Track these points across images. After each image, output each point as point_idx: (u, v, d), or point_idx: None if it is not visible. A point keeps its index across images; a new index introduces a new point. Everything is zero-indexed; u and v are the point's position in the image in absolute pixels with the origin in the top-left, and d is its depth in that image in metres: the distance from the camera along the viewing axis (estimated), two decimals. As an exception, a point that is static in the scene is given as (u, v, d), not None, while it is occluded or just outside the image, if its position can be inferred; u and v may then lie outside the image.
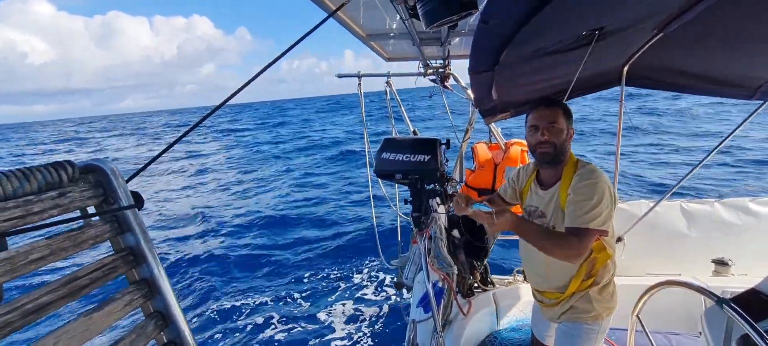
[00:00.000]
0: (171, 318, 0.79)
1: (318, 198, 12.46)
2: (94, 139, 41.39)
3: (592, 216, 1.31)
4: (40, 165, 0.65)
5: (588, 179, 1.37)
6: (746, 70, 2.03)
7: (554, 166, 1.49)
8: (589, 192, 1.34)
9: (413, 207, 2.18)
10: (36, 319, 0.59)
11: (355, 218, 10.00)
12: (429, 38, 2.35)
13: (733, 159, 10.94)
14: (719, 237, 2.68)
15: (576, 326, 1.52)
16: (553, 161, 1.48)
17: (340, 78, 3.46)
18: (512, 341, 2.12)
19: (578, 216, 1.33)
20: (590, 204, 1.32)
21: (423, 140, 2.14)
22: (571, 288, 1.49)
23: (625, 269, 2.78)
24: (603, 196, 1.34)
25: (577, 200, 1.35)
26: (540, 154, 1.49)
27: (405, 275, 2.52)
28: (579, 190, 1.36)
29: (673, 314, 2.07)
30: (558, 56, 1.56)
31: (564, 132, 1.44)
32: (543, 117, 1.45)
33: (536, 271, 1.59)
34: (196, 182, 15.69)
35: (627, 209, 2.78)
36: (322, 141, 24.30)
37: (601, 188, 1.34)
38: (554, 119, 1.44)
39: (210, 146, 25.75)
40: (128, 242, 0.77)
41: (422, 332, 1.84)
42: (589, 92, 2.49)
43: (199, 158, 21.72)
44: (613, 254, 1.52)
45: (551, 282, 1.55)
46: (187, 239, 9.03)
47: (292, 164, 17.89)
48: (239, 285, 6.72)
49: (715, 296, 1.04)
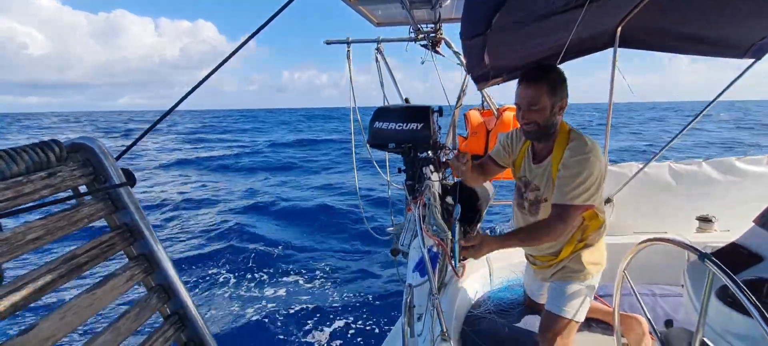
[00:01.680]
0: (173, 291, 0.81)
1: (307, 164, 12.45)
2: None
3: (578, 193, 1.33)
4: (25, 145, 0.63)
5: (578, 153, 1.36)
6: (738, 30, 2.02)
7: (543, 141, 1.48)
8: (577, 168, 1.34)
9: (407, 175, 2.19)
10: (38, 297, 0.60)
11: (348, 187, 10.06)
12: (420, 0, 2.28)
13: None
14: (705, 195, 2.76)
15: (567, 285, 1.59)
16: (539, 138, 1.48)
17: (328, 44, 3.36)
18: (505, 300, 2.21)
19: (565, 193, 1.34)
20: (577, 181, 1.33)
21: (415, 108, 2.12)
22: (563, 253, 1.56)
23: (614, 229, 2.87)
24: (592, 170, 1.33)
25: (565, 176, 1.36)
26: (524, 133, 1.50)
27: (401, 242, 2.57)
28: (568, 165, 1.36)
29: (658, 269, 2.16)
30: (551, 19, 1.53)
31: (547, 109, 1.37)
32: (524, 97, 1.40)
33: None
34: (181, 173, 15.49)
35: (617, 171, 2.83)
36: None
37: (591, 161, 1.34)
38: (535, 101, 1.37)
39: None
40: (123, 219, 0.78)
41: (419, 295, 1.91)
42: (583, 54, 2.46)
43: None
44: (604, 219, 1.57)
45: (544, 249, 1.61)
46: (171, 221, 9.03)
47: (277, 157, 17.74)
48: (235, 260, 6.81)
49: (698, 251, 1.09)
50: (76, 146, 0.73)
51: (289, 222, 8.73)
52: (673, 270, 1.94)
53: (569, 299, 1.59)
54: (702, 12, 1.91)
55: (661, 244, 1.31)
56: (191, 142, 27.20)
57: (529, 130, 1.45)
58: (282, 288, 5.81)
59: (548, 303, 1.67)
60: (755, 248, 1.63)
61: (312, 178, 12.69)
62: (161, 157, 18.83)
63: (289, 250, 7.15)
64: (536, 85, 1.37)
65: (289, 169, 15.56)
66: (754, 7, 1.77)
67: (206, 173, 15.11)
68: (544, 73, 1.40)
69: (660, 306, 2.09)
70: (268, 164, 16.60)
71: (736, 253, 1.67)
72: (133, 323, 0.73)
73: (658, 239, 1.32)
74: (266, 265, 6.55)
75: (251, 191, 11.51)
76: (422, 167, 2.17)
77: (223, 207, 9.86)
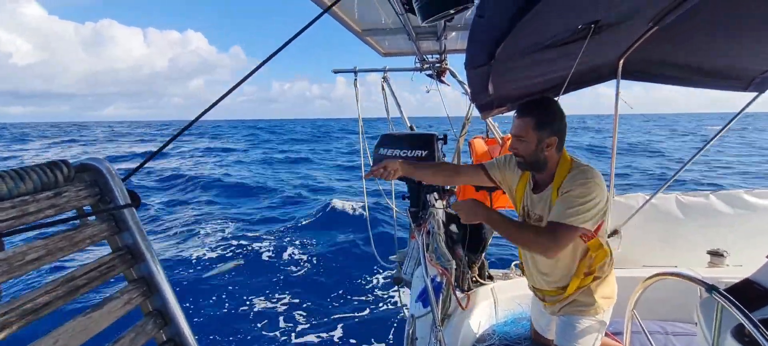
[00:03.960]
0: (170, 316, 0.79)
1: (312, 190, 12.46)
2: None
3: (573, 213, 1.28)
4: (35, 165, 0.64)
5: (579, 179, 1.32)
6: (740, 63, 2.04)
7: (540, 172, 1.46)
8: (577, 190, 1.31)
9: (411, 203, 2.18)
10: (34, 319, 0.59)
11: (352, 214, 10.01)
12: (425, 33, 2.34)
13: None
14: (714, 228, 2.71)
15: (577, 319, 1.52)
16: (529, 169, 1.48)
17: (335, 73, 3.44)
18: (511, 335, 2.13)
19: (561, 211, 1.30)
20: (577, 202, 1.29)
21: (420, 136, 2.14)
22: (571, 287, 1.49)
23: (622, 262, 2.81)
24: (592, 196, 1.29)
25: (565, 197, 1.32)
26: (516, 163, 1.52)
27: (404, 271, 2.53)
28: (568, 189, 1.33)
29: (669, 304, 2.09)
30: (554, 50, 1.56)
31: (532, 144, 1.37)
32: (513, 127, 1.42)
33: (537, 270, 1.59)
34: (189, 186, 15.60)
35: (623, 202, 2.79)
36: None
37: (591, 187, 1.30)
38: (520, 132, 1.39)
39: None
40: (125, 240, 0.77)
41: (421, 327, 1.85)
42: (585, 86, 2.49)
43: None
44: (610, 250, 1.53)
45: (552, 282, 1.55)
46: (179, 243, 8.99)
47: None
48: (236, 287, 6.71)
49: (706, 284, 1.06)
50: (84, 167, 0.73)
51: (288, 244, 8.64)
52: (686, 306, 1.88)
53: (580, 336, 1.51)
54: (704, 45, 1.94)
55: (672, 278, 1.27)
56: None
57: (518, 161, 1.48)
58: (281, 315, 5.68)
59: (558, 338, 1.60)
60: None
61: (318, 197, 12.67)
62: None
63: (288, 273, 7.05)
64: (523, 118, 1.39)
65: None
66: (755, 41, 1.79)
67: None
68: (532, 106, 1.40)
69: (672, 344, 2.01)
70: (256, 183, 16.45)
71: (750, 289, 1.61)
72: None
73: (667, 273, 1.29)
74: (263, 292, 6.44)
75: (250, 210, 11.50)
76: (426, 195, 2.16)
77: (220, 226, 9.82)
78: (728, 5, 1.45)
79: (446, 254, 2.12)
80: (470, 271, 2.54)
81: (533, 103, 1.42)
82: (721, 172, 15.13)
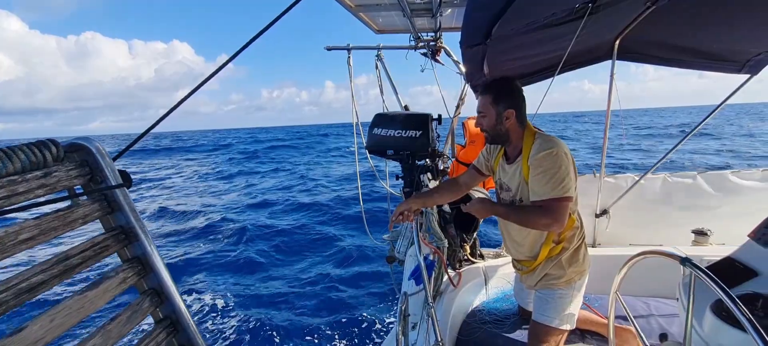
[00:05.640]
0: (166, 295, 0.80)
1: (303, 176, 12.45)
2: None
3: (556, 184, 1.39)
4: (23, 144, 0.63)
5: (545, 148, 1.42)
6: (735, 45, 2.04)
7: (504, 145, 1.61)
8: (550, 163, 1.40)
9: (404, 182, 2.19)
10: (30, 298, 0.59)
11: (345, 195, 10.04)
12: (420, 9, 2.29)
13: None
14: (700, 208, 2.77)
15: (550, 292, 1.62)
16: (494, 142, 1.62)
17: (328, 50, 3.37)
18: (500, 311, 2.20)
19: (552, 188, 1.39)
20: (558, 175, 1.39)
21: (414, 116, 2.13)
22: (542, 254, 1.59)
23: (610, 240, 2.88)
24: (561, 165, 1.40)
25: (542, 172, 1.41)
26: (484, 138, 1.64)
27: (396, 249, 2.56)
28: (539, 162, 1.42)
29: (655, 281, 2.16)
30: (550, 30, 1.54)
31: (492, 118, 1.53)
32: (478, 105, 1.57)
33: (512, 239, 1.69)
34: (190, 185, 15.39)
35: (613, 182, 2.84)
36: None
37: (560, 156, 1.41)
38: (481, 108, 1.55)
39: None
40: (118, 220, 0.77)
41: (414, 304, 1.90)
42: (581, 66, 2.48)
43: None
44: (578, 219, 1.61)
45: (524, 251, 1.65)
46: (170, 237, 8.96)
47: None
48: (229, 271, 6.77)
49: (680, 257, 1.10)
50: (73, 146, 0.72)
51: (285, 224, 8.69)
52: (670, 283, 1.94)
53: (554, 307, 1.61)
54: (699, 27, 1.93)
55: (652, 257, 1.31)
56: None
57: (484, 136, 1.61)
58: (275, 294, 5.77)
59: (534, 313, 1.67)
60: (750, 263, 1.64)
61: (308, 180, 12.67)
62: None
63: (283, 254, 7.11)
64: (483, 95, 1.55)
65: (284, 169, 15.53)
66: (750, 23, 1.79)
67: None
68: (491, 85, 1.56)
69: (655, 319, 2.09)
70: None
71: (731, 267, 1.67)
72: (124, 327, 0.72)
73: (648, 252, 1.33)
74: (259, 270, 6.50)
75: (244, 192, 11.46)
76: (420, 175, 2.17)
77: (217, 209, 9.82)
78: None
79: (439, 233, 2.15)
80: (462, 250, 2.59)
81: (492, 82, 1.57)
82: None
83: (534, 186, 1.44)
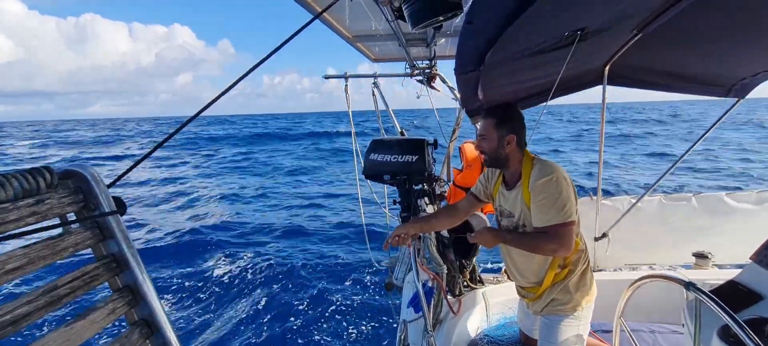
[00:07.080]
0: (157, 326, 0.77)
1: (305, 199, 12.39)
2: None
3: (560, 209, 1.39)
4: (16, 171, 0.62)
5: (545, 174, 1.43)
6: (721, 69, 2.11)
7: (502, 169, 1.62)
8: (551, 189, 1.41)
9: (402, 207, 2.18)
10: (14, 331, 0.57)
11: (345, 220, 9.97)
12: (415, 39, 2.36)
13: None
14: (697, 230, 2.77)
15: (557, 319, 1.58)
16: (493, 166, 1.63)
17: (326, 79, 3.44)
18: (502, 339, 2.14)
19: (555, 214, 1.39)
20: (560, 201, 1.39)
21: (410, 141, 2.14)
22: (547, 279, 1.56)
23: (609, 264, 2.85)
24: (562, 189, 1.41)
25: (544, 199, 1.41)
26: (483, 161, 1.64)
27: (395, 276, 2.52)
28: (540, 189, 1.43)
29: (657, 306, 2.13)
30: (542, 56, 1.59)
31: (493, 142, 1.54)
32: (479, 128, 1.60)
33: (515, 266, 1.67)
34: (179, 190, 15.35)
35: (610, 205, 2.84)
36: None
37: (560, 181, 1.42)
38: (484, 131, 1.57)
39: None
40: (111, 248, 0.75)
41: (413, 332, 1.85)
42: (573, 91, 2.54)
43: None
44: (582, 242, 1.59)
45: (529, 277, 1.62)
46: (170, 247, 8.83)
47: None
48: (226, 291, 6.61)
49: (684, 281, 1.08)
50: (68, 173, 0.72)
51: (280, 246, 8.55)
52: (674, 308, 1.91)
53: (561, 336, 1.56)
54: (685, 53, 2.00)
55: (655, 281, 1.29)
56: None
57: (483, 158, 1.61)
58: (270, 319, 5.60)
59: (540, 340, 1.63)
60: (754, 286, 1.62)
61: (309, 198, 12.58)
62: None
63: (279, 276, 6.96)
64: (486, 119, 1.57)
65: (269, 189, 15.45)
66: (734, 49, 1.85)
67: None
68: (494, 109, 1.59)
69: (660, 345, 2.04)
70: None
71: (735, 291, 1.65)
72: (112, 361, 0.69)
73: (653, 276, 1.31)
74: (252, 293, 6.34)
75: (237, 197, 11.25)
76: (417, 199, 2.16)
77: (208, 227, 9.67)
78: (708, 15, 1.50)
79: (438, 259, 2.12)
80: (461, 276, 2.55)
81: (495, 106, 1.60)
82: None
83: (536, 213, 1.44)
